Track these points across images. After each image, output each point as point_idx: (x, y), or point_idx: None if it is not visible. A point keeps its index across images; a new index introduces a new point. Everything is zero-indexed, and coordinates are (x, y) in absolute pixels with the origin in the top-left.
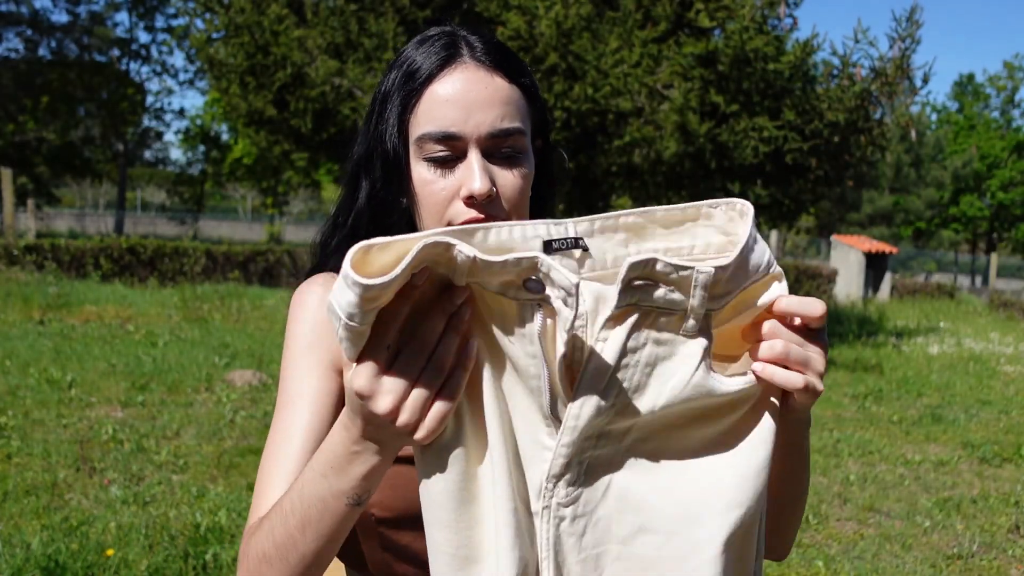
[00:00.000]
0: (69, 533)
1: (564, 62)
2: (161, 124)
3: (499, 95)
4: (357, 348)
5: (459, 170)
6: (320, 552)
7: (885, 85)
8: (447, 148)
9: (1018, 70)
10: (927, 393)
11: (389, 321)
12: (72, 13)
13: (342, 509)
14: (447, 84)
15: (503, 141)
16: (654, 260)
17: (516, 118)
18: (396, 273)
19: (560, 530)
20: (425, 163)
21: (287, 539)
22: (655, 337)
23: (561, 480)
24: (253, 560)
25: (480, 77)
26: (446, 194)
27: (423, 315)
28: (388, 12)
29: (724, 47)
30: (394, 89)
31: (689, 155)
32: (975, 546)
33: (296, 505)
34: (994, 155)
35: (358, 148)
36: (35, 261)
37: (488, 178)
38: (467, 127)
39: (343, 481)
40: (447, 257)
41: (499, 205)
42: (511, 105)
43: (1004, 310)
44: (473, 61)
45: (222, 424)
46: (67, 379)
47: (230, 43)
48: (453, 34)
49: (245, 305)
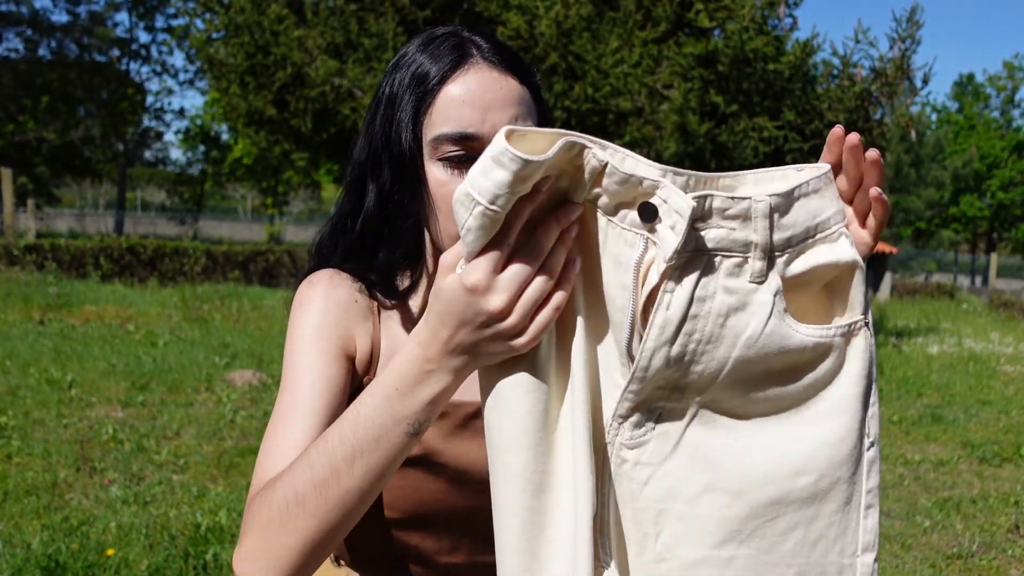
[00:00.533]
0: (69, 533)
1: (564, 62)
2: (161, 124)
3: (513, 95)
4: (484, 240)
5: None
6: (364, 492)
7: (885, 85)
8: (464, 149)
9: (1018, 70)
10: (927, 393)
11: (512, 222)
12: (72, 13)
13: (400, 438)
14: (461, 85)
15: None
16: (711, 195)
17: (528, 118)
18: (550, 154)
19: (620, 471)
20: (440, 164)
21: (330, 473)
22: (724, 285)
23: (627, 421)
24: (276, 508)
25: (494, 78)
26: None
27: (537, 224)
28: (388, 12)
29: (724, 47)
30: (402, 91)
31: (689, 155)
32: (975, 546)
33: (347, 434)
34: (994, 155)
35: (360, 152)
36: (35, 261)
37: None
38: (484, 127)
39: (408, 404)
40: (574, 166)
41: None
42: (524, 105)
43: (1004, 310)
44: (485, 62)
45: (222, 424)
46: (67, 379)
47: (230, 43)
48: (459, 35)
49: (245, 305)
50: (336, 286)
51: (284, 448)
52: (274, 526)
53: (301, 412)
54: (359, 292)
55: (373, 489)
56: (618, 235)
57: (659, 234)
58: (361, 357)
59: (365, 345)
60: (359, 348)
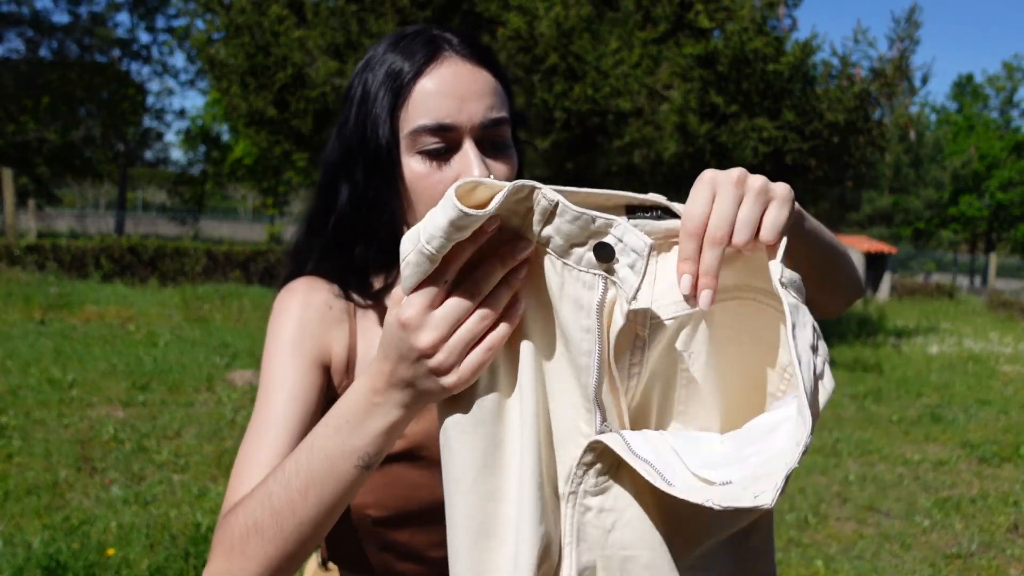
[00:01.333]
0: (70, 533)
1: (564, 62)
2: (162, 124)
3: (487, 86)
4: (419, 277)
5: (454, 161)
6: (318, 522)
7: (884, 86)
8: (442, 140)
9: (1017, 70)
10: (926, 393)
11: (450, 261)
12: (73, 14)
13: (350, 471)
14: (436, 77)
15: (494, 131)
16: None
17: (503, 108)
18: (490, 209)
19: (584, 519)
20: (419, 156)
21: (286, 504)
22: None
23: (592, 468)
24: (238, 534)
25: (468, 70)
26: (443, 187)
27: (481, 262)
28: (388, 12)
29: (724, 48)
30: (376, 88)
31: (689, 155)
32: (974, 546)
33: (302, 465)
34: (993, 155)
35: (331, 153)
36: (36, 261)
37: (485, 167)
38: (461, 117)
39: (357, 436)
40: (526, 207)
41: None
42: (498, 96)
43: (1003, 310)
44: (457, 55)
45: (223, 424)
46: (68, 379)
47: (230, 43)
48: (428, 32)
49: (246, 305)
50: (313, 293)
51: (254, 466)
52: (236, 552)
53: (273, 430)
54: (335, 296)
55: (328, 519)
56: (575, 278)
57: (618, 274)
58: (337, 364)
59: (341, 352)
60: (335, 356)
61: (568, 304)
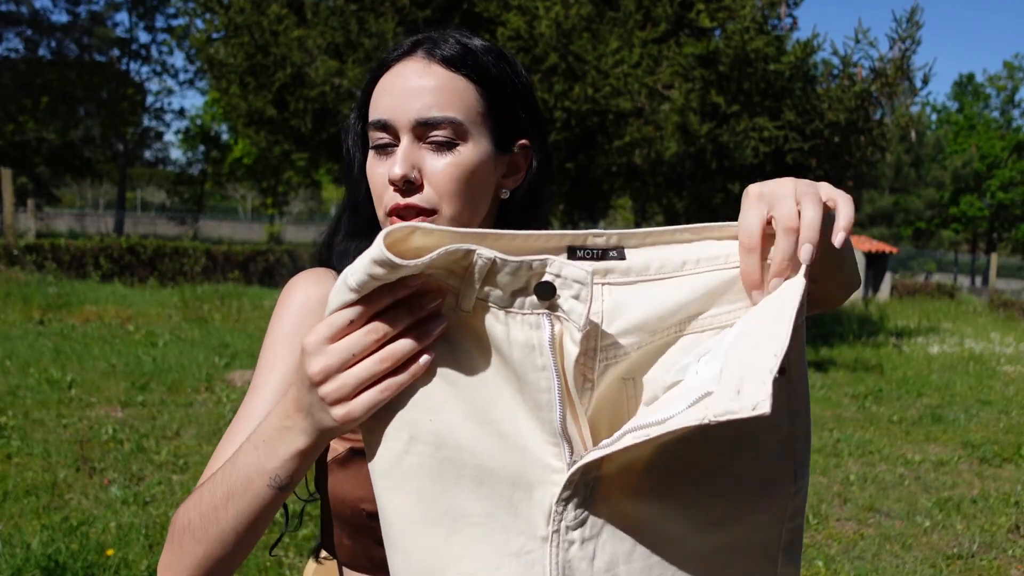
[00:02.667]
0: (69, 533)
1: (564, 62)
2: (161, 124)
3: (432, 84)
4: (338, 307)
5: (391, 158)
6: (238, 533)
7: (885, 85)
8: (385, 135)
9: (1018, 70)
10: (927, 393)
11: (366, 304)
12: (72, 13)
13: (264, 489)
14: (391, 75)
15: (431, 129)
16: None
17: (450, 108)
18: (418, 263)
19: (570, 554)
20: (372, 151)
21: (211, 510)
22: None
23: (570, 503)
24: (178, 528)
25: (419, 68)
26: (382, 179)
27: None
28: (388, 12)
29: (725, 47)
30: (364, 87)
31: (690, 155)
32: (975, 546)
33: (227, 475)
34: (994, 155)
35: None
36: (35, 261)
37: (408, 164)
38: (396, 114)
39: (270, 458)
40: (462, 267)
41: (427, 193)
42: (445, 94)
43: (1004, 310)
44: (423, 54)
45: (222, 424)
46: (67, 379)
47: (230, 43)
48: (428, 35)
49: (245, 305)
50: (315, 285)
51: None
52: (175, 544)
53: (254, 423)
54: None
55: (249, 532)
56: (520, 322)
57: (562, 307)
58: None
59: None
60: None
61: (518, 349)
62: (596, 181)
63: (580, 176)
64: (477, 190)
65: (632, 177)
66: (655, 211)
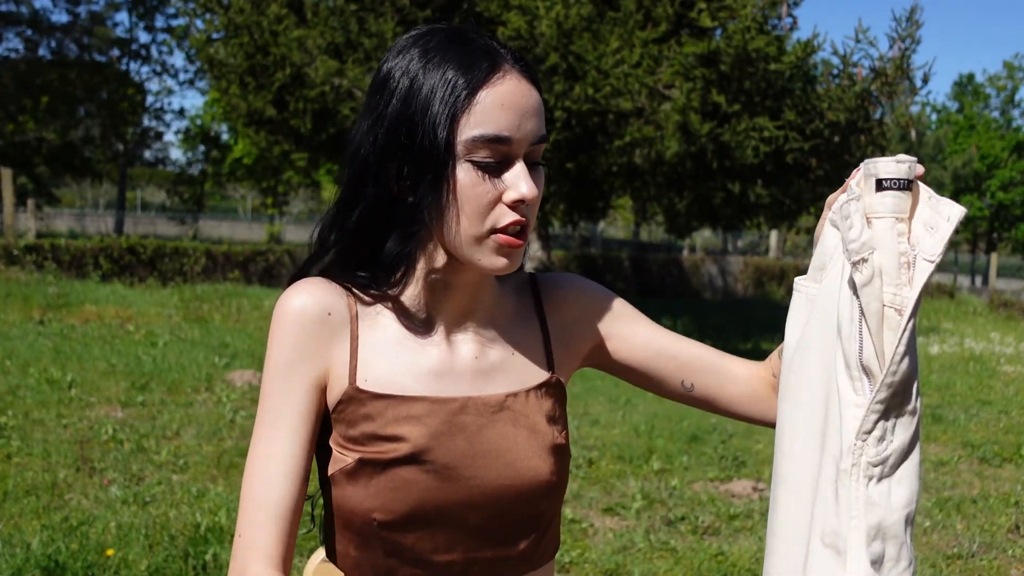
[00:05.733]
0: (69, 533)
1: (565, 62)
2: (161, 124)
3: (539, 105)
4: None
5: (506, 175)
6: None
7: (885, 85)
8: (495, 152)
9: (1018, 70)
10: (927, 393)
11: None
12: (72, 13)
13: None
14: (501, 90)
15: (538, 149)
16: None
17: (544, 127)
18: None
19: (869, 490)
20: (468, 165)
21: None
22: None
23: (871, 436)
24: None
25: (526, 87)
26: (492, 196)
27: None
28: (388, 12)
29: (725, 47)
30: (434, 87)
31: (690, 155)
32: (975, 546)
33: None
34: (994, 155)
35: (363, 145)
36: (35, 261)
37: (532, 184)
38: (519, 133)
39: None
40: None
41: (531, 211)
42: (543, 115)
43: (1004, 310)
44: (516, 71)
45: (222, 424)
46: (67, 379)
47: (230, 43)
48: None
49: (245, 305)
50: (312, 301)
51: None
52: None
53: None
54: (337, 297)
55: None
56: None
57: (914, 234)
58: (338, 373)
59: (344, 356)
60: (335, 367)
61: (846, 287)
62: (596, 181)
63: (580, 176)
64: None
65: (632, 177)
66: (655, 211)
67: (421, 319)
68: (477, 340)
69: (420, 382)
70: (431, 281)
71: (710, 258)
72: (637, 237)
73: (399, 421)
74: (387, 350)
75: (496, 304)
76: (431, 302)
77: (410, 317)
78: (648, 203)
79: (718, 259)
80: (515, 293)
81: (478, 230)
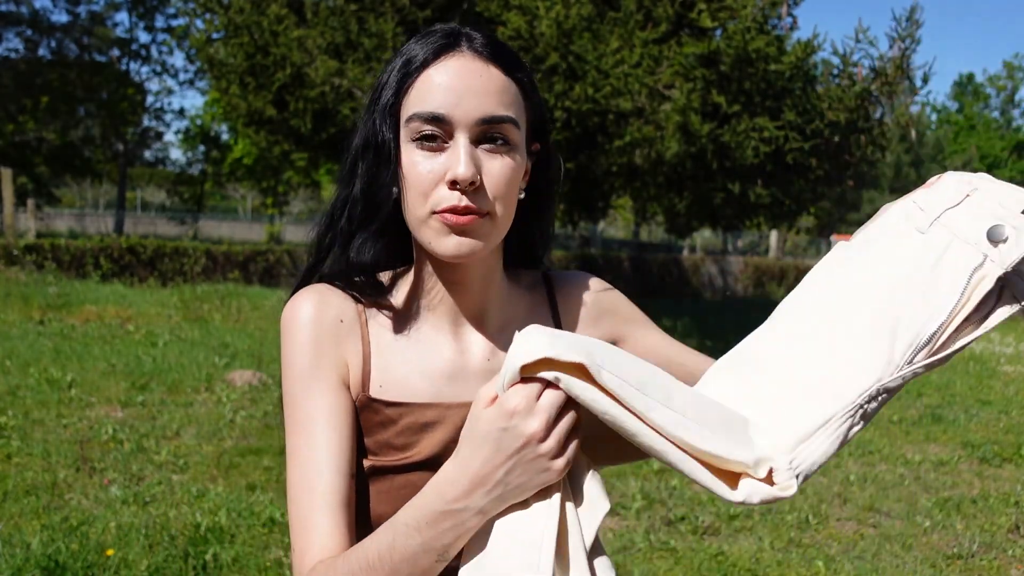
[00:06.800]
0: (69, 533)
1: (564, 62)
2: (161, 124)
3: (492, 84)
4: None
5: (446, 155)
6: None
7: (885, 85)
8: (435, 130)
9: (1018, 70)
10: (927, 393)
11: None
12: (72, 13)
13: (431, 563)
14: (442, 70)
15: (492, 128)
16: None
17: (509, 108)
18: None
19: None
20: (413, 144)
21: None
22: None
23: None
24: None
25: (476, 67)
26: (432, 177)
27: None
28: (388, 12)
29: (726, 47)
30: (391, 76)
31: (690, 155)
32: (975, 546)
33: (385, 558)
34: (994, 155)
35: (356, 140)
36: (35, 261)
37: (474, 165)
38: (457, 111)
39: (437, 538)
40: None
41: (483, 194)
42: (505, 95)
43: None
44: (471, 51)
45: (222, 424)
46: (67, 379)
47: (230, 43)
48: (455, 28)
49: (245, 305)
50: (324, 307)
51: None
52: None
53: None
54: (345, 302)
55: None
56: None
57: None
58: (354, 378)
59: (357, 364)
60: (352, 370)
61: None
62: (596, 181)
63: (580, 176)
64: (517, 192)
65: (632, 177)
66: (655, 211)
67: (430, 321)
68: (488, 341)
69: (433, 386)
70: (432, 280)
71: (710, 258)
72: (637, 237)
73: (412, 430)
74: (398, 354)
75: (508, 303)
76: (438, 302)
77: (419, 319)
78: (648, 203)
79: (718, 259)
80: (528, 291)
81: (421, 211)
